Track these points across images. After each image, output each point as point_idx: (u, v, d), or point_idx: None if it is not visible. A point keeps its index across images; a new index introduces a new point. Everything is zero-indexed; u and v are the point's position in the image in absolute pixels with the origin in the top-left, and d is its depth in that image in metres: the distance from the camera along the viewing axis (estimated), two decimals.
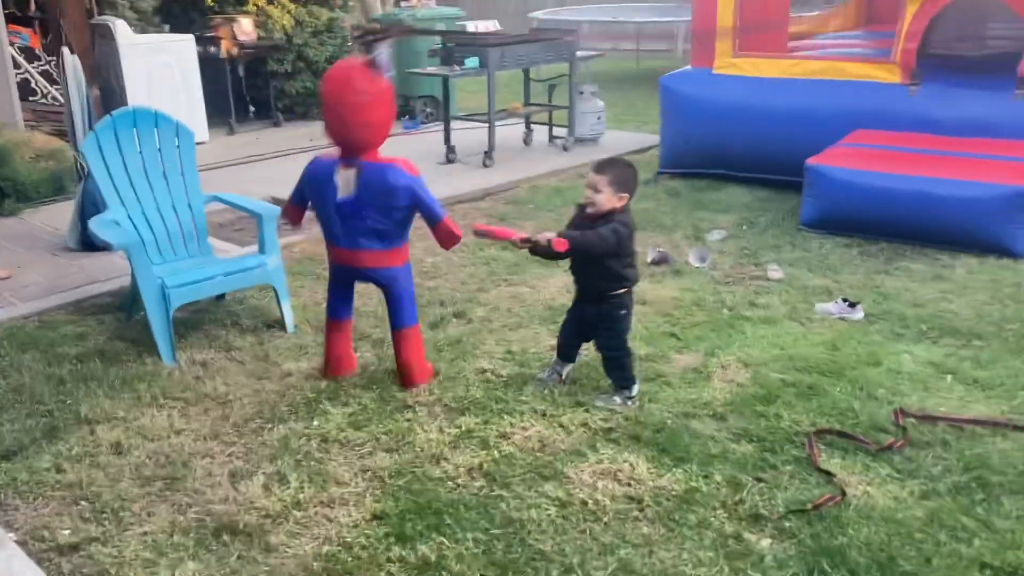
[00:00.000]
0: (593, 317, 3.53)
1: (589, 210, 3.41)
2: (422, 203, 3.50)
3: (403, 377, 3.73)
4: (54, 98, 8.54)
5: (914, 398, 3.49)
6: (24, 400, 3.65)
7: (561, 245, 3.28)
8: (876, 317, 4.30)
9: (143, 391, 3.71)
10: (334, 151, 3.51)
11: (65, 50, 5.19)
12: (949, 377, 3.66)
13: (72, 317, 4.57)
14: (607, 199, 3.36)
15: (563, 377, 3.70)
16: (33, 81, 8.40)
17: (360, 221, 3.48)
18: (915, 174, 5.19)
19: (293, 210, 3.78)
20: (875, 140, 5.82)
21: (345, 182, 3.47)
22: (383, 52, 3.41)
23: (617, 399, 3.49)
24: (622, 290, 3.48)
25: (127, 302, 4.51)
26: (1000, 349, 3.90)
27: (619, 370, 3.52)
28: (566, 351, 3.71)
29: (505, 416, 3.42)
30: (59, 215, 6.31)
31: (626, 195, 3.37)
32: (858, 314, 4.30)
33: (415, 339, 3.74)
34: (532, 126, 8.68)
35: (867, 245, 5.33)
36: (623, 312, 3.50)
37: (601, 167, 3.43)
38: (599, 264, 3.42)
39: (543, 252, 3.37)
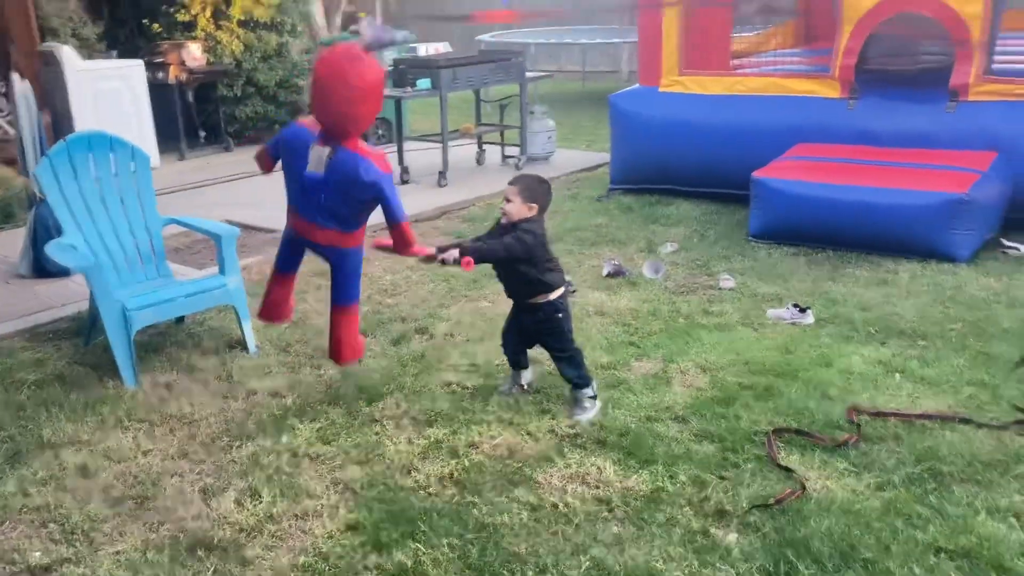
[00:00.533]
0: (531, 324, 3.64)
1: (503, 220, 3.55)
2: (386, 201, 3.46)
3: (334, 352, 3.74)
4: None
5: (865, 396, 3.63)
6: None
7: (468, 265, 3.42)
8: (826, 321, 4.45)
9: (107, 414, 3.68)
10: (313, 122, 3.47)
11: (15, 76, 5.15)
12: (898, 376, 3.81)
13: (28, 343, 4.52)
14: (517, 209, 3.51)
15: (525, 385, 3.78)
16: None
17: (320, 198, 3.44)
18: (857, 184, 5.39)
19: (265, 155, 3.73)
20: (817, 152, 6.02)
21: (317, 158, 3.41)
22: (376, 25, 3.43)
23: (587, 405, 3.56)
24: (549, 295, 3.57)
25: (85, 327, 4.48)
26: (944, 348, 4.07)
27: (573, 368, 3.59)
28: (514, 359, 3.80)
29: (473, 426, 3.48)
30: (7, 242, 6.23)
31: (535, 205, 3.53)
32: (808, 319, 4.44)
33: (353, 317, 3.74)
34: (484, 146, 8.79)
35: (813, 253, 5.50)
36: (558, 315, 3.59)
37: (514, 180, 3.63)
38: (515, 271, 3.55)
39: (453, 266, 3.48)
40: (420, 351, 4.26)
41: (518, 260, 3.48)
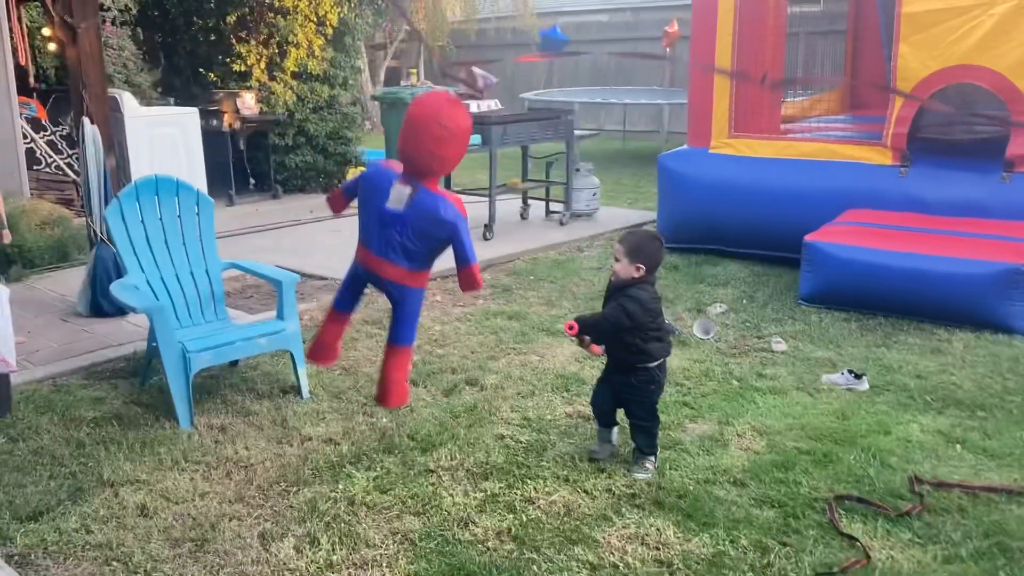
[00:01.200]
0: (621, 387, 3.60)
1: (612, 279, 3.54)
2: (459, 242, 3.52)
3: (383, 393, 3.77)
4: (58, 167, 8.64)
5: (926, 466, 3.57)
6: (45, 462, 3.65)
7: (570, 330, 3.47)
8: (881, 388, 4.41)
9: (164, 454, 3.72)
10: (397, 163, 3.56)
11: (85, 120, 5.30)
12: (958, 446, 3.75)
13: (86, 381, 4.58)
14: (624, 269, 3.49)
15: (613, 442, 3.73)
16: (38, 151, 8.50)
17: (396, 235, 3.50)
18: (911, 251, 5.36)
19: (339, 196, 3.83)
20: (870, 219, 6.01)
21: (398, 195, 3.49)
22: (480, 73, 3.50)
23: (647, 466, 3.54)
24: (648, 363, 3.53)
25: (142, 367, 4.54)
26: (1005, 420, 4.00)
27: (646, 437, 3.57)
28: (603, 418, 3.73)
29: (528, 481, 3.47)
30: (64, 281, 6.35)
31: (642, 266, 3.47)
32: (864, 385, 4.40)
33: (406, 359, 3.77)
34: (529, 201, 8.87)
35: (865, 319, 5.46)
36: (651, 387, 3.55)
37: (623, 237, 3.57)
38: (617, 339, 3.51)
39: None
40: (471, 402, 4.27)
41: (621, 329, 3.45)
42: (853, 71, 9.22)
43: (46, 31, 8.00)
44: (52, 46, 5.67)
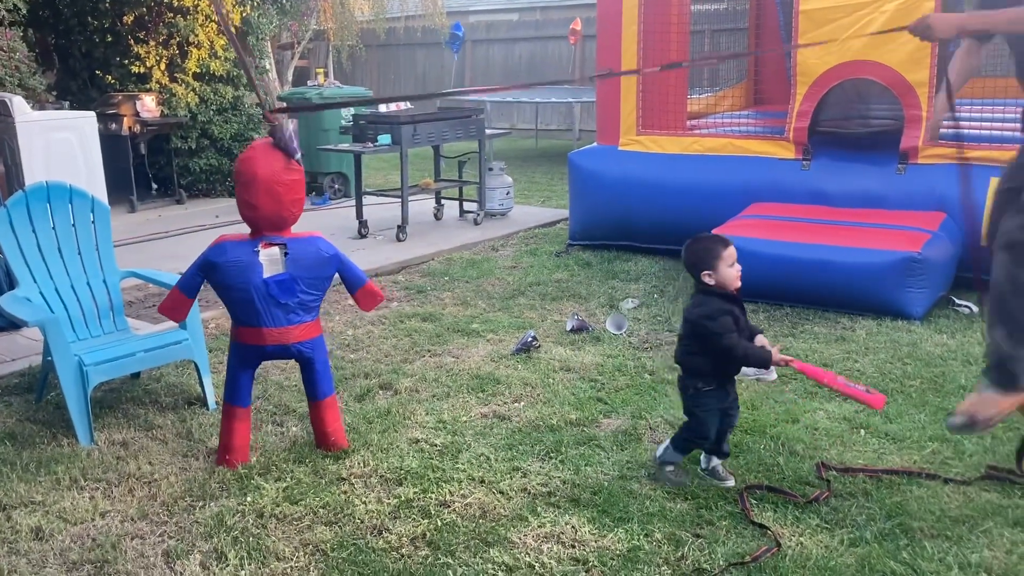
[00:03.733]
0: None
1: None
2: (347, 269, 3.66)
3: (331, 444, 3.72)
4: None
5: (833, 452, 3.66)
6: None
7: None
8: (788, 378, 4.50)
9: (61, 473, 3.55)
10: (239, 234, 3.53)
11: None
12: (862, 431, 3.86)
13: None
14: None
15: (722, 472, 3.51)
16: None
17: (291, 296, 3.49)
18: (813, 242, 5.51)
19: (179, 299, 3.59)
20: (773, 212, 6.15)
21: (271, 259, 3.48)
22: (290, 129, 3.45)
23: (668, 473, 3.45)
24: (698, 387, 3.35)
25: (37, 383, 4.34)
26: (906, 404, 4.13)
27: (679, 441, 3.44)
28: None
29: (443, 484, 3.42)
30: None
31: (705, 271, 3.29)
32: (772, 375, 4.49)
33: (335, 405, 3.80)
34: (443, 201, 8.82)
35: (772, 310, 5.59)
36: (701, 413, 3.34)
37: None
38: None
39: None
40: (385, 407, 4.20)
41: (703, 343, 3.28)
42: (755, 67, 9.42)
43: None
44: None
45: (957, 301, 5.55)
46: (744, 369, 4.47)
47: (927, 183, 5.90)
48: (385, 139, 7.58)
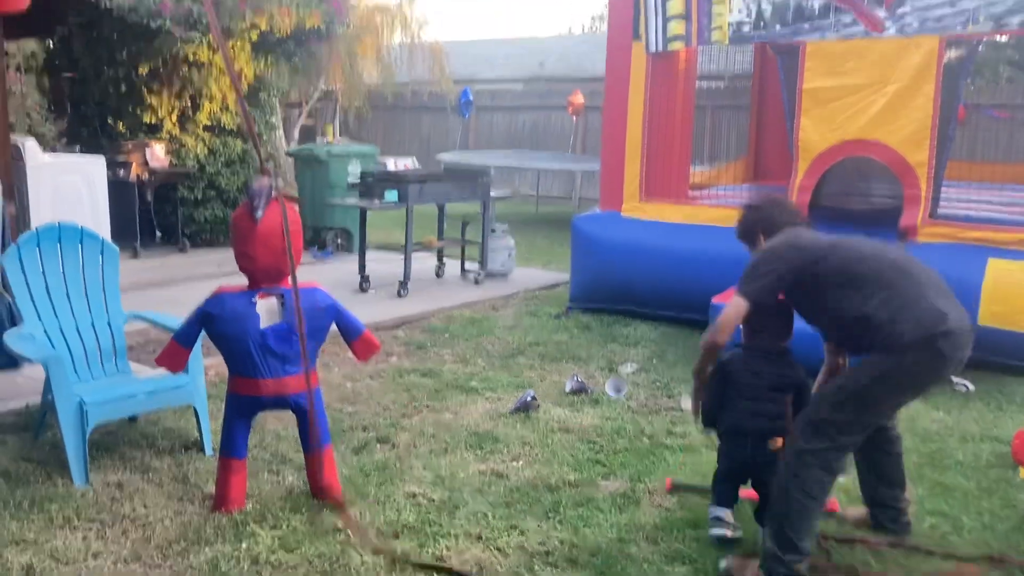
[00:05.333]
0: None
1: None
2: (344, 318, 3.71)
3: (326, 494, 3.69)
4: None
5: (831, 523, 3.64)
6: None
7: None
8: None
9: (54, 512, 3.52)
10: (237, 285, 3.57)
11: None
12: (861, 504, 3.84)
13: None
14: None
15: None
16: None
17: (288, 347, 3.52)
18: None
19: (177, 351, 3.61)
20: None
21: (269, 310, 3.51)
22: (265, 188, 3.46)
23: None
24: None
25: (35, 421, 4.32)
26: None
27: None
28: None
29: (440, 539, 3.40)
30: None
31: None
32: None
33: (332, 456, 3.79)
34: (445, 260, 8.90)
35: None
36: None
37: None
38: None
39: None
40: (382, 461, 4.19)
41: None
42: (757, 143, 9.62)
43: None
44: None
45: (954, 379, 5.57)
46: None
47: (926, 262, 5.94)
48: (392, 196, 7.68)
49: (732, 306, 3.22)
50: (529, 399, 4.96)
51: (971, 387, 5.48)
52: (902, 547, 3.43)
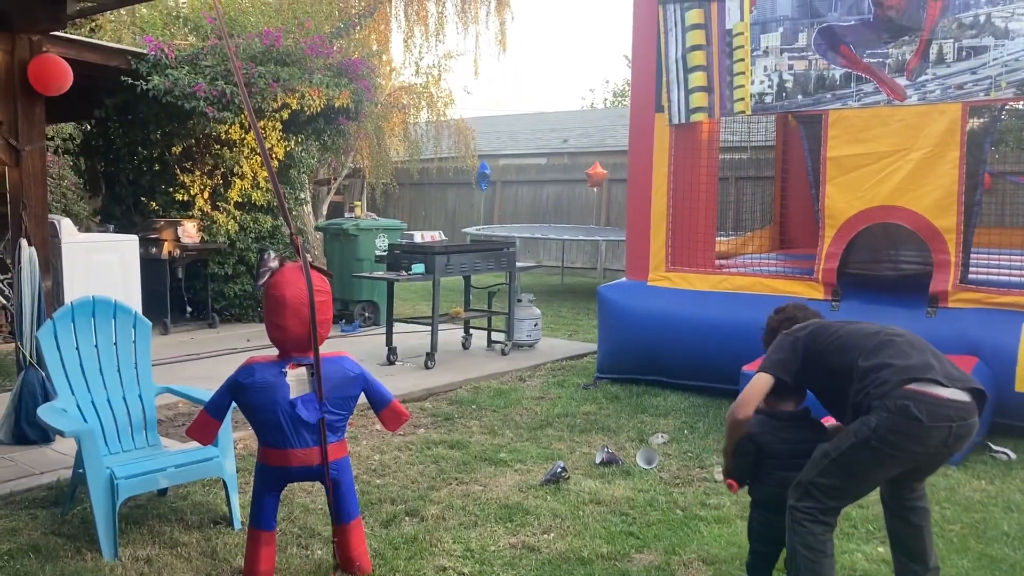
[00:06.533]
0: None
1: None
2: (372, 388, 3.72)
3: (355, 568, 3.65)
4: None
5: None
6: None
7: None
8: None
9: None
10: (267, 355, 3.61)
11: (23, 241, 5.23)
12: None
13: (2, 511, 4.33)
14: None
15: None
16: None
17: (317, 416, 3.51)
18: None
19: (208, 423, 3.61)
20: None
21: (298, 381, 3.53)
22: (273, 264, 3.56)
23: None
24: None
25: (65, 495, 4.32)
26: (947, 549, 4.01)
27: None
28: None
29: None
30: None
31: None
32: None
33: (361, 528, 3.76)
34: (471, 331, 8.91)
35: None
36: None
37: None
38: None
39: None
40: (412, 534, 4.13)
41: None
42: (782, 211, 9.63)
43: None
44: None
45: (994, 447, 5.46)
46: None
47: (958, 327, 5.91)
48: (419, 268, 7.75)
49: (755, 381, 3.27)
50: (559, 471, 4.91)
51: (1012, 455, 5.35)
52: None
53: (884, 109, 6.17)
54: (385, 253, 8.41)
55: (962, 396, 2.98)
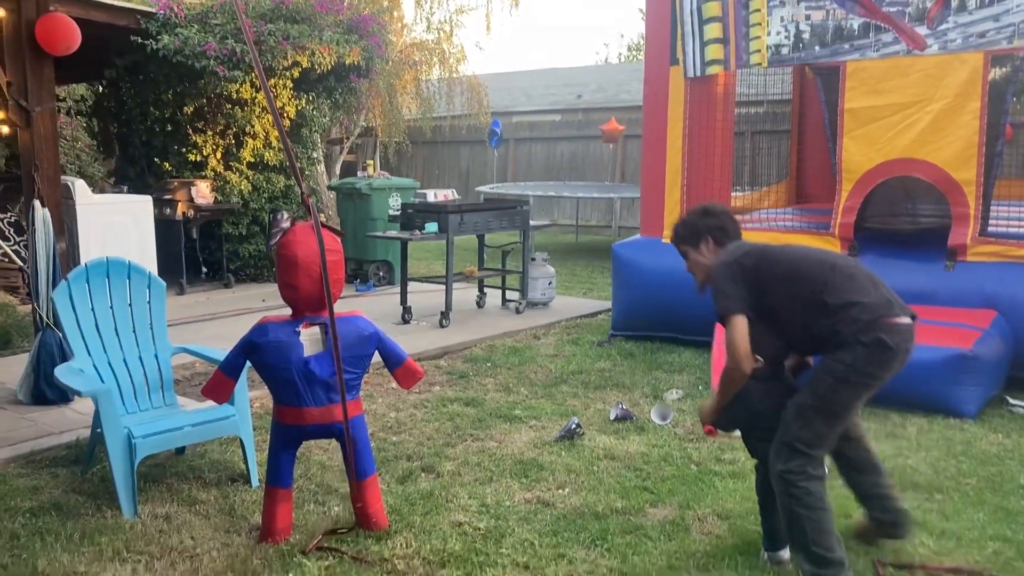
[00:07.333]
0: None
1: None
2: (386, 346, 3.72)
3: (372, 524, 3.68)
4: (4, 254, 8.47)
5: (889, 548, 3.54)
6: None
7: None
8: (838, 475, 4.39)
9: (104, 545, 3.54)
10: (281, 315, 3.60)
11: (37, 203, 5.23)
12: (918, 528, 3.73)
13: (24, 471, 4.38)
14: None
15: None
16: None
17: (332, 375, 3.52)
18: None
19: (223, 381, 3.63)
20: None
21: (312, 339, 3.53)
22: (284, 223, 3.56)
23: None
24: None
25: (84, 455, 4.37)
26: (962, 502, 4.01)
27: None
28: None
29: (487, 568, 3.36)
30: (5, 369, 6.15)
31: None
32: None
33: (377, 485, 3.77)
34: (485, 290, 8.90)
35: None
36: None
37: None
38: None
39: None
40: (427, 489, 4.16)
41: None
42: (798, 166, 9.53)
43: None
44: (5, 129, 5.63)
45: (1012, 401, 5.43)
46: None
47: (976, 281, 5.85)
48: (432, 227, 7.72)
49: (733, 329, 3.12)
50: (573, 427, 4.92)
51: None
52: (963, 572, 3.31)
53: (904, 59, 6.05)
54: (398, 212, 8.38)
55: (911, 322, 3.15)
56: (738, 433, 3.61)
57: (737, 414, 3.30)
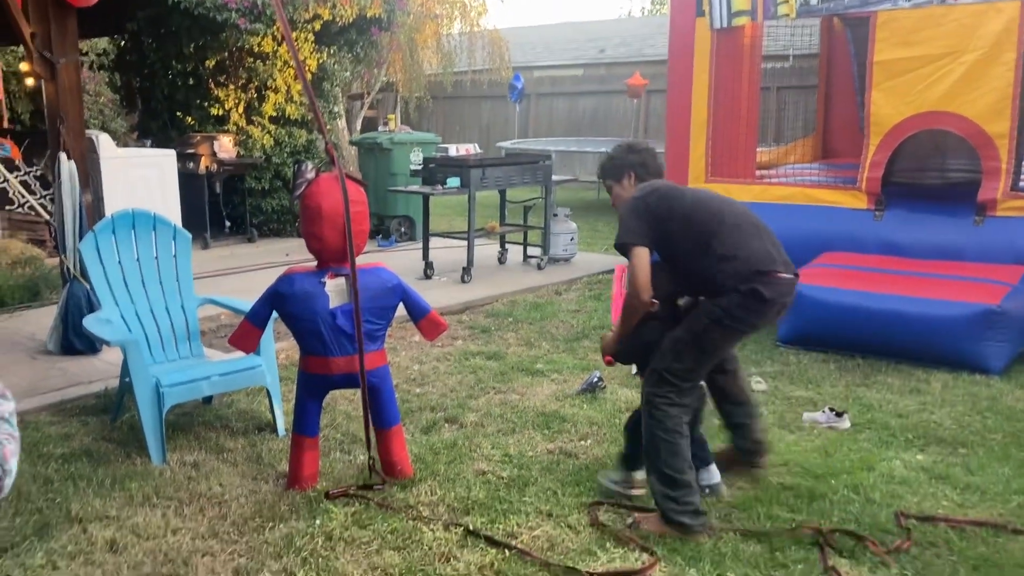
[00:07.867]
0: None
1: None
2: (410, 298, 3.74)
3: (397, 472, 3.73)
4: (31, 208, 8.53)
5: (911, 501, 3.54)
6: (10, 499, 3.51)
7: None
8: (862, 426, 4.39)
9: (134, 490, 3.61)
10: (306, 265, 3.62)
11: (62, 155, 5.26)
12: (942, 482, 3.73)
13: (55, 418, 4.47)
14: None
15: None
16: (11, 191, 8.40)
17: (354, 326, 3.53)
18: (888, 293, 5.40)
19: (250, 330, 3.66)
20: (846, 261, 6.06)
21: (337, 290, 3.54)
22: (308, 174, 3.54)
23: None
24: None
25: (114, 403, 4.44)
26: (987, 457, 4.00)
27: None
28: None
29: (511, 516, 3.40)
30: (35, 320, 6.23)
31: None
32: (845, 423, 4.39)
33: (401, 434, 3.82)
34: (507, 245, 8.89)
35: (843, 360, 5.47)
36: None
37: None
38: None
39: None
40: (451, 440, 4.20)
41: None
42: (825, 121, 9.39)
43: (24, 66, 7.96)
44: (30, 81, 5.64)
45: None
46: (815, 416, 4.41)
47: (1006, 236, 5.77)
48: (454, 182, 7.70)
49: (634, 260, 3.23)
50: (595, 380, 4.93)
51: None
52: (987, 525, 3.31)
53: (937, 8, 5.91)
54: (420, 167, 8.36)
55: (792, 277, 3.27)
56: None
57: (635, 347, 3.45)
